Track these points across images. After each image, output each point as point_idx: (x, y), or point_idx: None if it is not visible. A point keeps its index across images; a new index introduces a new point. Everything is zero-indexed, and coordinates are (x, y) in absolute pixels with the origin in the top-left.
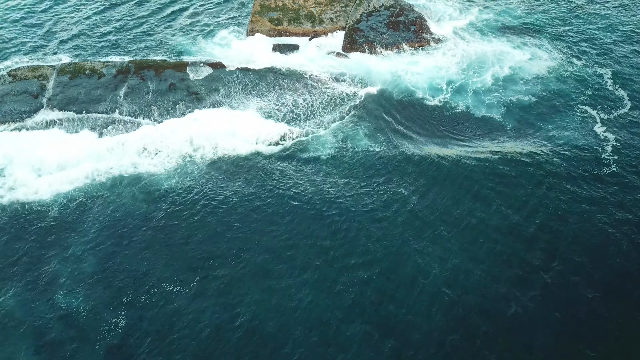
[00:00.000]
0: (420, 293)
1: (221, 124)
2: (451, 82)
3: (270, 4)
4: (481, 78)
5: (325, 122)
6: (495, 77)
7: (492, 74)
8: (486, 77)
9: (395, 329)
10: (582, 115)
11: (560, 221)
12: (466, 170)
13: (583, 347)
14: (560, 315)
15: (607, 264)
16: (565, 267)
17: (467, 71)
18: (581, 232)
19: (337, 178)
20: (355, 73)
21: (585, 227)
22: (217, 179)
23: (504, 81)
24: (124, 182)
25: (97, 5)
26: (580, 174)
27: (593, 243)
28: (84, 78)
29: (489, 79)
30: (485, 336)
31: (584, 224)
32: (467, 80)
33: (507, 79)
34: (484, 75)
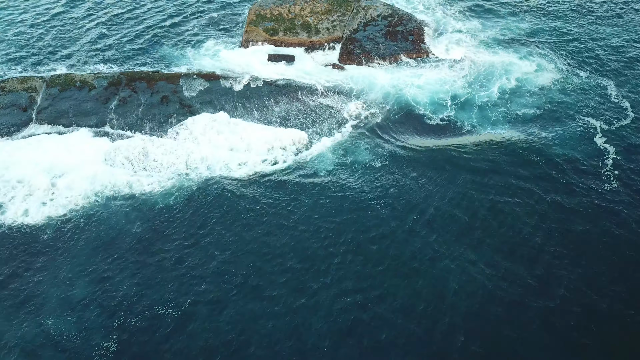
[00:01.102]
0: (421, 317)
1: (215, 138)
2: (456, 96)
3: (266, 13)
4: (488, 92)
5: (323, 137)
6: (502, 89)
7: (499, 86)
8: (493, 90)
9: (390, 356)
10: (585, 128)
11: (562, 240)
12: (464, 188)
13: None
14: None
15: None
16: (563, 282)
17: (473, 84)
18: (582, 251)
19: (335, 196)
20: (354, 86)
21: (585, 248)
22: (212, 196)
23: (510, 94)
24: (117, 200)
25: (89, 15)
26: (581, 191)
27: (593, 261)
28: (74, 90)
29: (496, 92)
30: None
31: (586, 245)
32: (473, 94)
33: (514, 92)
34: (491, 89)
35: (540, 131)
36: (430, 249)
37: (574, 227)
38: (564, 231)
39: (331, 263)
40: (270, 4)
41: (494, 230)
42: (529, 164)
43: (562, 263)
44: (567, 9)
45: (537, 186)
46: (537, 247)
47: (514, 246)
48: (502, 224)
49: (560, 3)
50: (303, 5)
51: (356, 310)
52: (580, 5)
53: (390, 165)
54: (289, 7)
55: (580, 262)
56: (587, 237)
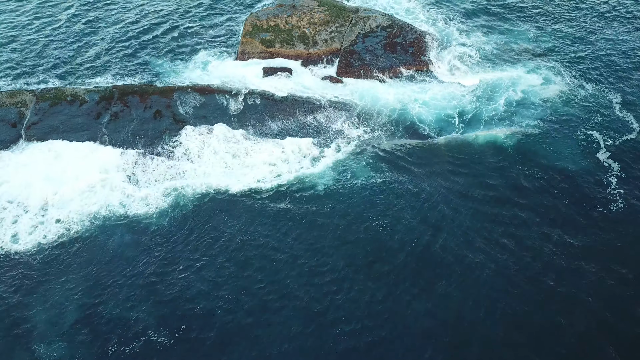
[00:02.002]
0: (426, 348)
1: (210, 154)
2: (463, 113)
3: (262, 24)
4: (495, 105)
5: (322, 153)
6: (508, 101)
7: (506, 99)
8: (499, 103)
9: None
10: (588, 143)
11: (563, 263)
12: (464, 208)
13: None
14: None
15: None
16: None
17: (480, 99)
18: (585, 277)
19: (334, 217)
20: (354, 101)
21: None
22: (206, 217)
23: (516, 107)
24: (110, 222)
25: (81, 26)
26: (584, 211)
27: (595, 285)
28: (65, 105)
29: (502, 105)
30: None
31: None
32: (480, 108)
33: (519, 105)
34: (497, 102)
35: (543, 146)
36: (432, 273)
37: (578, 253)
38: (567, 259)
39: (329, 291)
40: (267, 14)
41: (496, 255)
42: (530, 180)
43: (566, 291)
44: (573, 20)
45: (539, 207)
46: (540, 271)
47: (515, 271)
48: (504, 249)
49: (566, 14)
50: (300, 16)
51: (356, 346)
52: (587, 14)
53: (392, 184)
54: (286, 17)
55: (583, 288)
56: (591, 261)
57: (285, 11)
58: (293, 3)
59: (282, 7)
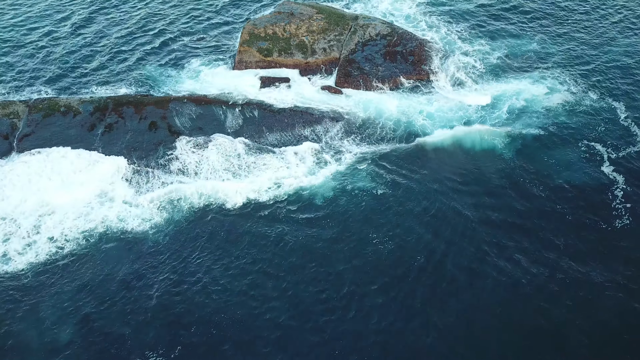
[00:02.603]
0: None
1: (206, 167)
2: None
3: (260, 32)
4: (498, 113)
5: (322, 166)
6: (512, 110)
7: (510, 107)
8: (503, 111)
9: None
10: (592, 154)
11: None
12: (466, 225)
13: None
14: None
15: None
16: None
17: (486, 108)
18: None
19: (335, 235)
20: (353, 112)
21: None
22: (202, 234)
23: (519, 115)
24: (105, 238)
25: (75, 35)
26: (589, 228)
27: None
28: (58, 116)
29: (505, 113)
30: None
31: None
32: (485, 117)
33: (522, 114)
34: (502, 110)
35: (546, 158)
36: (437, 300)
37: (584, 275)
38: (574, 279)
39: (329, 319)
40: (265, 22)
41: (498, 273)
42: (533, 195)
43: (571, 313)
44: (578, 27)
45: (543, 223)
46: (542, 292)
47: (519, 290)
48: (506, 266)
49: (571, 20)
50: (299, 24)
51: None
52: (593, 22)
53: (395, 198)
54: (284, 25)
55: (589, 312)
56: (597, 285)
57: (284, 19)
58: (291, 11)
59: (280, 14)
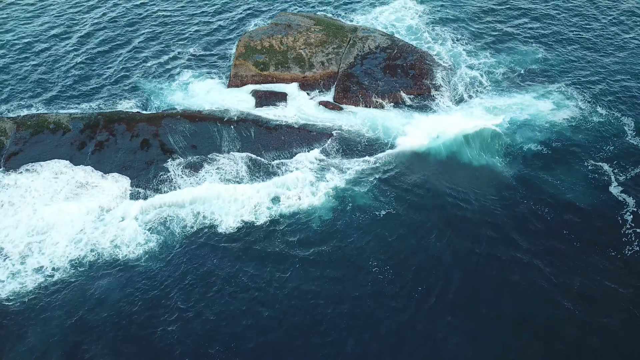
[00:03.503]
0: None
1: (201, 187)
2: (471, 141)
3: (256, 45)
4: (498, 122)
5: (321, 186)
6: (513, 119)
7: (516, 125)
8: (503, 123)
9: None
10: (599, 175)
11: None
12: (470, 250)
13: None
14: None
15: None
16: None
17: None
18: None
19: (332, 260)
20: (351, 128)
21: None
22: (198, 259)
23: (521, 129)
24: (96, 265)
25: (66, 48)
26: (597, 255)
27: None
28: (47, 134)
29: (508, 128)
30: None
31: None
32: (478, 130)
33: (525, 127)
34: (504, 124)
35: (550, 178)
36: (438, 333)
37: (591, 307)
38: (582, 310)
39: (327, 353)
40: (261, 34)
41: (504, 302)
42: (537, 218)
43: (580, 341)
44: (586, 40)
45: (548, 249)
46: (548, 324)
47: (525, 318)
48: (512, 295)
49: (580, 34)
50: (296, 36)
51: None
52: (600, 34)
53: (397, 222)
54: (281, 38)
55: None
56: (611, 313)
57: (281, 31)
58: (289, 22)
59: (277, 26)
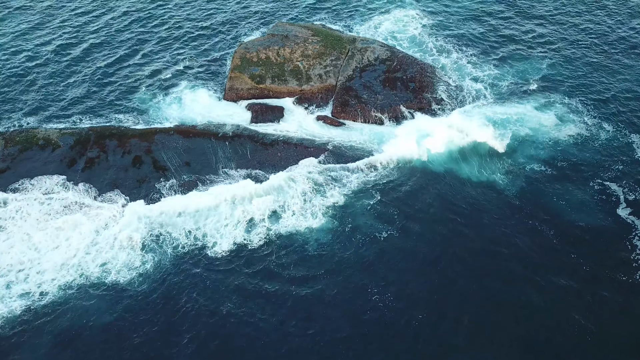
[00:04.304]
0: None
1: (192, 208)
2: (474, 157)
3: (252, 57)
4: (500, 137)
5: (317, 206)
6: (515, 135)
7: (520, 142)
8: (506, 139)
9: None
10: (607, 195)
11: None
12: (474, 282)
13: None
14: None
15: None
16: None
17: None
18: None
19: (328, 287)
20: (350, 143)
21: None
22: (190, 284)
23: (524, 145)
24: (84, 288)
25: (56, 60)
26: (606, 282)
27: None
28: (36, 150)
29: (508, 139)
30: None
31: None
32: (479, 147)
33: (528, 143)
34: (507, 139)
35: (555, 198)
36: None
37: (600, 334)
38: (591, 337)
39: None
40: (257, 46)
41: (509, 329)
42: (543, 240)
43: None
44: (592, 51)
45: (556, 273)
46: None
47: (532, 346)
48: (517, 320)
49: (585, 45)
50: (293, 48)
51: None
52: (608, 48)
53: (396, 244)
54: (277, 49)
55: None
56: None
57: (277, 42)
58: (286, 33)
59: (274, 37)
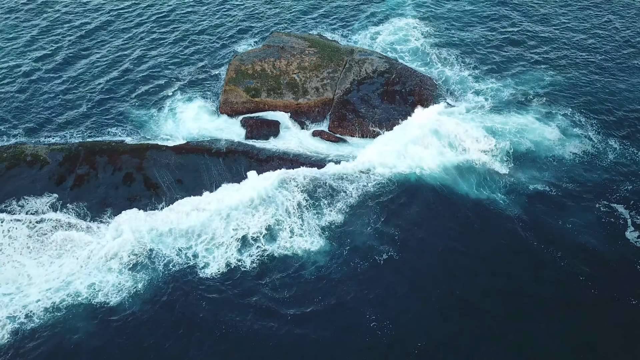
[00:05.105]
0: None
1: (184, 226)
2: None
3: (247, 69)
4: (504, 161)
5: (313, 227)
6: (517, 149)
7: (520, 158)
8: (509, 158)
9: None
10: (614, 218)
11: None
12: (477, 308)
13: None
14: None
15: None
16: None
17: (489, 153)
18: None
19: (324, 318)
20: (348, 160)
21: None
22: (180, 304)
23: (526, 163)
24: (72, 309)
25: (45, 74)
26: (615, 311)
27: None
28: (24, 167)
29: (512, 161)
30: None
31: None
32: (480, 164)
33: (531, 160)
34: (508, 157)
35: (560, 221)
36: None
37: None
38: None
39: None
40: (253, 57)
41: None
42: (548, 265)
43: None
44: (596, 64)
45: (559, 302)
46: None
47: None
48: (520, 349)
49: (588, 56)
50: (289, 59)
51: None
52: (613, 59)
53: (394, 267)
54: (273, 61)
55: None
56: None
57: (273, 53)
58: (282, 44)
59: (270, 48)
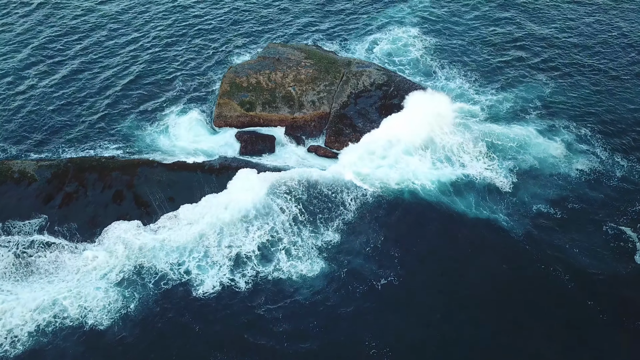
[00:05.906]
0: None
1: (175, 243)
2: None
3: (242, 81)
4: (506, 179)
5: (309, 247)
6: (521, 174)
7: (521, 173)
8: (512, 177)
9: None
10: (622, 241)
11: None
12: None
13: None
14: None
15: None
16: None
17: (490, 168)
18: None
19: (320, 344)
20: (344, 176)
21: None
22: (172, 327)
23: (524, 178)
24: (62, 332)
25: (33, 87)
26: (627, 334)
27: None
28: (10, 184)
29: (515, 179)
30: None
31: None
32: (482, 180)
33: (534, 179)
34: (511, 175)
35: (568, 245)
36: None
37: None
38: None
39: None
40: (247, 69)
41: None
42: (555, 289)
43: None
44: (601, 77)
45: (567, 327)
46: None
47: None
48: None
49: (593, 70)
50: (285, 72)
51: None
52: (617, 71)
53: (392, 292)
54: (268, 73)
55: None
56: None
57: (269, 65)
58: (277, 55)
59: (265, 60)
